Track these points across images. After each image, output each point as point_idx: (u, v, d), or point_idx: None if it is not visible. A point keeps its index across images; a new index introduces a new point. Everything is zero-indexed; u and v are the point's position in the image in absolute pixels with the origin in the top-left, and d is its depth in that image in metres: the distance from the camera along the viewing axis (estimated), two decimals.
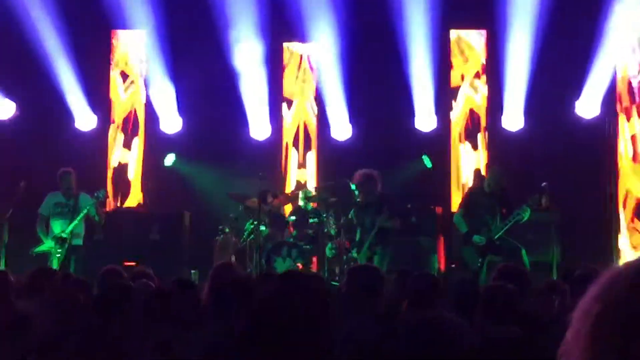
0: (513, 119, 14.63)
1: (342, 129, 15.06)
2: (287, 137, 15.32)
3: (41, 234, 11.53)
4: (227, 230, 13.57)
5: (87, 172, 13.44)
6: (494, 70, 14.83)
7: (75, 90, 14.96)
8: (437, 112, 14.85)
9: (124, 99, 15.39)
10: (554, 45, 14.26)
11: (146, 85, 15.37)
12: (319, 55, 15.14)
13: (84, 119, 15.14)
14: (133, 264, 11.98)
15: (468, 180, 14.65)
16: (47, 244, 11.43)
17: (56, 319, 5.33)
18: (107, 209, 13.97)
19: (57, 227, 11.50)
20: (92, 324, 5.42)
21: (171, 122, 15.24)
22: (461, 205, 11.71)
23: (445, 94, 14.95)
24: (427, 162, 14.49)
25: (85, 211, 11.46)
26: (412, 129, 14.80)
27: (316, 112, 15.28)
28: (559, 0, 14.09)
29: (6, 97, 14.98)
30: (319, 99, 15.24)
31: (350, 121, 15.02)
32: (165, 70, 15.12)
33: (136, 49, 15.41)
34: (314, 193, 13.75)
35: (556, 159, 14.12)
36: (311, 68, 15.28)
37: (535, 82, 14.42)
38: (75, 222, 11.43)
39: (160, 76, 15.16)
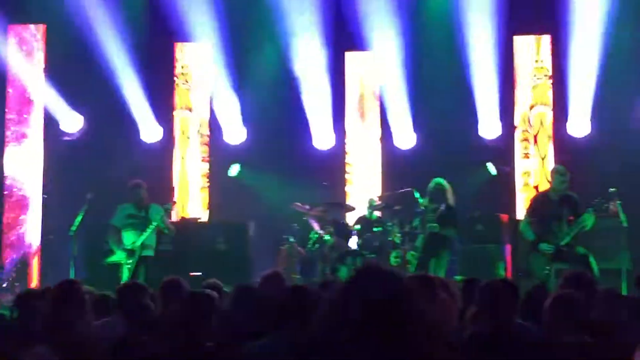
0: (579, 125, 14.46)
1: (405, 138, 15.07)
2: (350, 147, 15.36)
3: (113, 245, 11.58)
4: (291, 239, 13.63)
5: (153, 183, 13.51)
6: (559, 76, 14.68)
7: (140, 103, 15.20)
8: (501, 119, 14.80)
9: (188, 110, 15.54)
10: (620, 49, 14.07)
11: (211, 97, 15.52)
12: (381, 63, 15.12)
13: (150, 131, 15.38)
14: (199, 274, 12.05)
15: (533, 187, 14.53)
16: (119, 255, 11.48)
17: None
18: (174, 220, 14.06)
19: (129, 238, 11.54)
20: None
21: (236, 133, 15.38)
22: (527, 213, 11.51)
23: (509, 101, 14.87)
24: (491, 169, 14.43)
25: (156, 223, 11.54)
26: (476, 136, 14.80)
27: (379, 120, 15.27)
28: (623, 6, 13.89)
29: (74, 111, 15.22)
30: (382, 108, 15.22)
31: (414, 130, 15.02)
32: (229, 81, 15.31)
33: (201, 61, 15.58)
34: (378, 202, 13.68)
35: (624, 164, 13.91)
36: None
37: (601, 87, 14.27)
38: (147, 233, 11.47)
39: (224, 87, 15.33)
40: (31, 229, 15.05)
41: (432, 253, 11.82)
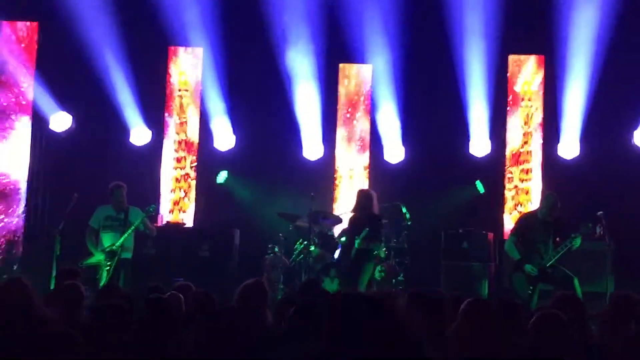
0: (569, 147, 14.49)
1: (395, 152, 15.06)
2: (340, 158, 15.35)
3: (91, 246, 11.61)
4: (276, 249, 13.62)
5: (140, 186, 13.59)
6: (551, 97, 14.71)
7: (131, 105, 15.17)
8: (491, 138, 14.81)
9: (178, 115, 15.51)
10: (612, 73, 14.12)
11: (201, 103, 15.48)
12: (374, 77, 15.16)
13: (139, 134, 15.34)
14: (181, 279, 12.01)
15: (522, 207, 14.57)
16: (97, 257, 11.50)
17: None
18: (158, 224, 14.03)
19: (107, 240, 11.58)
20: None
21: (225, 140, 15.34)
22: (513, 232, 11.55)
23: (500, 120, 14.90)
24: (480, 187, 14.47)
25: (135, 225, 11.55)
26: (466, 153, 14.78)
27: (369, 133, 15.26)
28: (617, 28, 13.94)
29: (63, 110, 15.17)
30: (372, 121, 15.23)
31: (404, 144, 15.03)
32: (220, 87, 15.29)
33: (192, 66, 15.57)
34: None
35: (612, 188, 13.92)
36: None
37: (592, 110, 14.32)
38: (125, 235, 11.50)
39: (215, 93, 15.33)
40: (15, 225, 14.96)
41: (357, 268, 11.75)
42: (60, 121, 15.19)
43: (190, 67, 15.57)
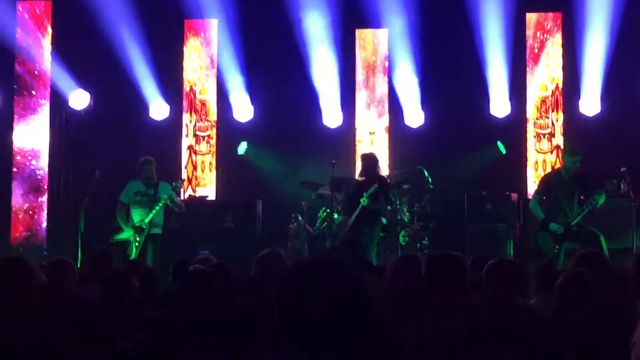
0: (590, 104, 14.40)
1: (414, 116, 14.99)
2: (360, 124, 15.28)
3: (121, 222, 11.61)
4: (299, 218, 13.65)
5: (161, 161, 13.53)
6: (570, 54, 14.60)
7: (148, 80, 15.15)
8: (511, 98, 14.70)
9: (196, 88, 15.49)
10: (631, 28, 14.02)
11: (219, 74, 15.44)
12: (390, 41, 15.07)
13: (158, 108, 15.33)
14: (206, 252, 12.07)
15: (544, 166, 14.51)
16: (127, 233, 11.50)
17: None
18: (182, 198, 14.06)
19: (137, 215, 11.57)
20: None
21: (243, 111, 15.30)
22: (537, 191, 11.57)
23: (520, 79, 14.78)
24: (501, 148, 14.41)
25: (164, 201, 11.54)
26: (486, 115, 14.68)
27: (388, 98, 15.20)
28: None
29: (81, 88, 15.20)
30: (391, 86, 15.16)
31: (423, 108, 14.96)
32: (237, 59, 15.22)
33: (209, 39, 15.50)
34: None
35: (635, 144, 13.86)
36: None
37: (612, 65, 14.20)
38: (155, 211, 11.49)
39: (232, 65, 15.27)
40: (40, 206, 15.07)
41: (362, 227, 11.77)
42: (79, 99, 15.19)
43: (206, 40, 15.48)
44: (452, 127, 14.77)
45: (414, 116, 14.98)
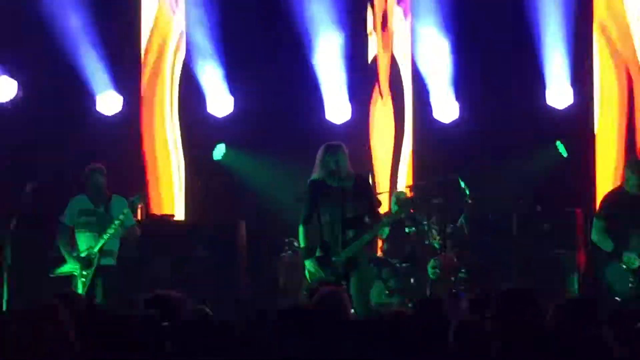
0: None
1: (446, 108, 14.97)
2: (374, 120, 15.19)
3: (63, 250, 11.32)
4: (296, 244, 13.19)
5: (113, 169, 13.29)
6: None
7: (95, 65, 15.14)
8: (574, 84, 14.63)
9: (157, 74, 15.56)
10: None
11: (187, 55, 15.45)
12: (413, 16, 15.14)
13: (107, 101, 15.28)
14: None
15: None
16: (70, 265, 11.24)
17: None
18: (139, 219, 13.83)
19: (83, 242, 11.31)
20: None
21: (220, 103, 15.35)
22: (599, 216, 11.38)
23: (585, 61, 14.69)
24: (562, 149, 14.17)
25: (118, 222, 11.22)
26: (541, 106, 14.65)
27: (411, 87, 15.18)
28: None
29: (5, 74, 15.01)
30: (415, 72, 15.13)
31: (457, 99, 14.88)
32: (211, 35, 15.25)
33: (174, 11, 15.52)
34: (408, 194, 13.64)
35: None
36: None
37: None
38: (106, 236, 11.21)
39: (204, 43, 15.32)
40: None
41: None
42: (3, 88, 14.98)
43: (170, 13, 15.53)
44: (495, 122, 14.76)
45: (446, 108, 14.96)
